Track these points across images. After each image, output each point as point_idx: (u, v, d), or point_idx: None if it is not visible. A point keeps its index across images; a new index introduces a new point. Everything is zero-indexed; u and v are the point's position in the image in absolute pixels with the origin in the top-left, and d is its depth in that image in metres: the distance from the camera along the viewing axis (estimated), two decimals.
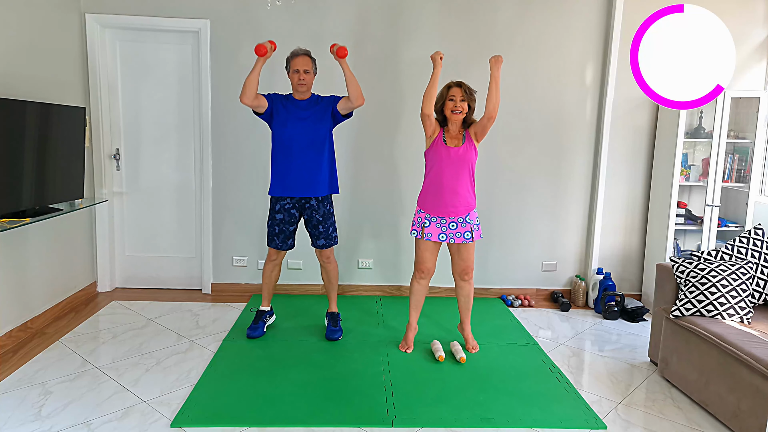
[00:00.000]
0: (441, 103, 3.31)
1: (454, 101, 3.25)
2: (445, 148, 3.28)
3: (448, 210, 3.31)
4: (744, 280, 3.04)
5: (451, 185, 3.29)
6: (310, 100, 3.50)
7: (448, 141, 3.31)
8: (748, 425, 2.59)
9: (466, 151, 3.28)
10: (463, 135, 3.33)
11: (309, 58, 3.42)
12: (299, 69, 3.38)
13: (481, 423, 2.71)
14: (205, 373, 3.12)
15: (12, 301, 3.45)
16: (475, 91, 3.32)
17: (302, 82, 3.39)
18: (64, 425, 2.59)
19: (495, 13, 4.29)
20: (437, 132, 3.33)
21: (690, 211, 4.44)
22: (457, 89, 3.26)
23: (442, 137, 3.31)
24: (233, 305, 4.25)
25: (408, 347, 3.51)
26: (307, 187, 3.48)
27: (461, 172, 3.30)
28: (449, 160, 3.28)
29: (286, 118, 3.43)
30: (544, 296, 4.65)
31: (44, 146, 3.33)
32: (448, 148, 3.28)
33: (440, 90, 3.35)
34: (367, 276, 4.57)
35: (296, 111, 3.45)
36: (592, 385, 3.15)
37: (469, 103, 3.28)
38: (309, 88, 3.47)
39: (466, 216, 3.35)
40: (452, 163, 3.28)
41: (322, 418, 2.72)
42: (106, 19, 4.14)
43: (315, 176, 3.47)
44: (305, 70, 3.39)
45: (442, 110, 3.33)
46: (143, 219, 4.48)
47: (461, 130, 3.34)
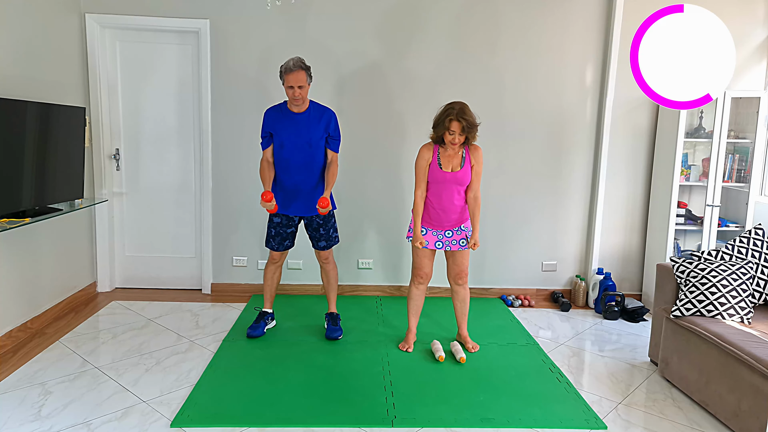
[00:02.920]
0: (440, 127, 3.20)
1: (453, 135, 3.16)
2: (441, 172, 3.27)
3: (443, 224, 3.37)
4: (744, 280, 3.04)
5: (446, 205, 3.31)
6: (307, 114, 3.44)
7: (443, 164, 3.26)
8: (748, 425, 2.59)
9: (463, 175, 3.27)
10: (462, 155, 3.27)
11: (303, 72, 3.31)
12: (293, 85, 3.30)
13: (481, 423, 2.71)
14: (204, 373, 3.12)
15: (12, 301, 3.44)
16: (475, 124, 3.18)
17: (297, 97, 3.34)
18: (63, 425, 2.59)
19: (495, 14, 4.28)
20: (431, 158, 3.28)
21: (690, 211, 4.44)
22: (457, 124, 3.13)
23: (437, 161, 3.27)
24: (233, 305, 4.25)
25: (408, 347, 3.52)
26: (305, 209, 3.53)
27: (457, 193, 3.31)
28: (445, 183, 3.28)
29: (283, 138, 3.42)
30: (544, 296, 4.65)
31: (44, 146, 3.32)
32: (444, 173, 3.26)
33: (442, 113, 3.20)
34: (367, 276, 4.57)
35: (292, 126, 3.42)
36: (593, 385, 3.15)
37: (468, 136, 3.19)
38: (305, 101, 3.40)
39: (461, 225, 3.39)
40: (448, 186, 3.28)
41: (322, 418, 2.71)
42: (106, 19, 4.14)
43: (312, 197, 3.51)
44: (299, 85, 3.31)
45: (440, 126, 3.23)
46: (143, 219, 4.48)
47: (460, 149, 3.28)
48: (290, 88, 3.32)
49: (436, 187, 3.30)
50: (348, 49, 4.27)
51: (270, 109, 3.50)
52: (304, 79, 3.33)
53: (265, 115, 3.49)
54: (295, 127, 3.43)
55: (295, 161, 3.44)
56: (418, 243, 3.34)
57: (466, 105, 3.19)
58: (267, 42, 4.23)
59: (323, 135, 3.46)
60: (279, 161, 3.47)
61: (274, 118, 3.46)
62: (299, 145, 3.42)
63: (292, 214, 3.54)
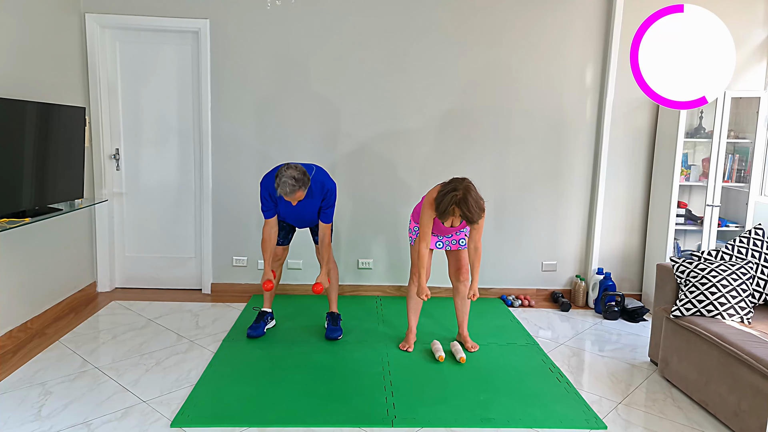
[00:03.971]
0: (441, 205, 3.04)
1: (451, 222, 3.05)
2: (442, 226, 3.32)
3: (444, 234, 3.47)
4: (744, 280, 3.04)
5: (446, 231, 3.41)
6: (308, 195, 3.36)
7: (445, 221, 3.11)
8: (748, 425, 2.59)
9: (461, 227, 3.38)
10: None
11: (301, 191, 3.16)
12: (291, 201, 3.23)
13: (481, 423, 2.71)
14: (204, 373, 3.12)
15: (12, 301, 3.44)
16: (479, 212, 3.00)
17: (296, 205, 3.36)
18: (64, 425, 2.59)
19: (495, 14, 4.28)
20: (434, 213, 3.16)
21: (690, 211, 4.44)
22: (457, 212, 2.99)
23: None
24: (233, 305, 4.25)
25: (408, 347, 3.52)
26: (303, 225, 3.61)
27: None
28: (447, 231, 3.40)
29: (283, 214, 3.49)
30: (544, 296, 4.65)
31: (44, 146, 3.32)
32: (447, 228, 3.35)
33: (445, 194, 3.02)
34: (367, 276, 4.57)
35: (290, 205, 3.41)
36: (593, 385, 3.15)
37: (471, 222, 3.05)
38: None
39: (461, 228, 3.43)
40: (447, 231, 3.40)
41: (322, 418, 2.71)
42: (106, 19, 4.14)
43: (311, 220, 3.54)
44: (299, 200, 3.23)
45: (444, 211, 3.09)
46: (143, 219, 4.48)
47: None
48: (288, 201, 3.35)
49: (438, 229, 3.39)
50: (348, 49, 4.27)
51: (267, 180, 3.34)
52: (303, 194, 3.19)
53: (264, 188, 3.33)
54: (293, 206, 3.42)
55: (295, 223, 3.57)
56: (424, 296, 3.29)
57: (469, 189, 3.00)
58: (267, 42, 4.23)
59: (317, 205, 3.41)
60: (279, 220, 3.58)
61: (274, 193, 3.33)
62: (300, 218, 3.50)
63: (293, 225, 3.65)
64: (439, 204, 3.03)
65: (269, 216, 3.40)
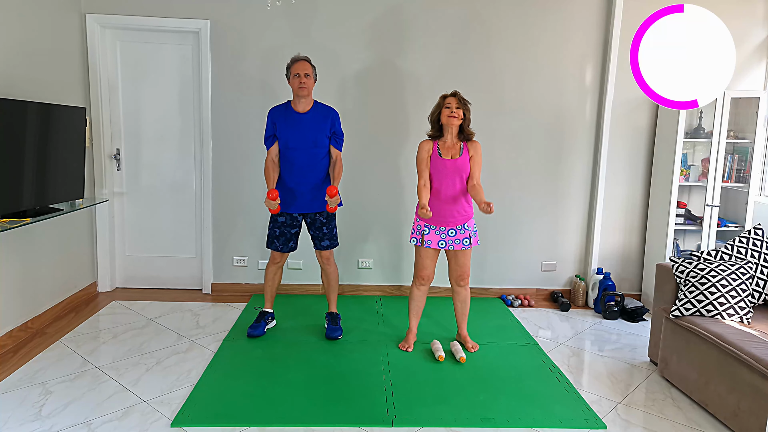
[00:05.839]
0: (437, 113, 3.38)
1: (450, 108, 3.31)
2: (441, 160, 3.33)
3: (447, 221, 3.38)
4: (744, 280, 3.05)
5: (449, 197, 3.35)
6: (311, 113, 3.50)
7: (443, 153, 3.35)
8: (747, 425, 2.59)
9: (463, 162, 3.33)
10: (461, 146, 3.36)
11: (309, 64, 3.46)
12: (300, 73, 3.41)
13: (481, 423, 2.72)
14: (205, 373, 3.12)
15: (12, 300, 3.45)
16: (469, 102, 3.39)
17: (303, 85, 3.41)
18: (64, 425, 2.59)
19: (495, 14, 4.29)
20: (431, 149, 3.38)
21: (690, 211, 4.44)
22: (452, 98, 3.33)
23: (437, 151, 3.36)
24: (233, 305, 4.25)
25: (408, 347, 3.52)
26: (308, 206, 3.55)
27: (459, 183, 3.34)
28: (446, 171, 3.33)
29: (288, 137, 3.47)
30: (543, 296, 4.65)
31: (45, 146, 3.33)
32: (444, 161, 3.33)
33: (436, 104, 3.42)
34: (367, 276, 4.57)
35: (296, 125, 3.47)
36: (592, 385, 3.16)
37: (464, 111, 3.34)
38: (310, 92, 3.48)
39: (464, 224, 3.39)
40: (449, 174, 3.33)
41: (322, 417, 2.72)
42: (107, 19, 4.14)
43: (314, 195, 3.53)
44: (306, 74, 3.42)
45: (438, 119, 3.39)
46: (143, 219, 4.49)
47: (458, 141, 3.37)
48: (296, 76, 3.42)
49: (437, 177, 3.34)
50: (349, 49, 4.27)
51: (274, 109, 3.54)
52: (310, 69, 3.45)
53: (270, 114, 3.53)
54: (299, 125, 3.46)
55: (300, 161, 3.47)
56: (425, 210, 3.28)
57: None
58: (267, 42, 4.24)
59: (328, 134, 3.51)
60: (283, 161, 3.51)
61: (278, 117, 3.50)
62: (304, 144, 3.46)
63: (295, 212, 3.55)
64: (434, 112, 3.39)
65: (270, 144, 3.52)
